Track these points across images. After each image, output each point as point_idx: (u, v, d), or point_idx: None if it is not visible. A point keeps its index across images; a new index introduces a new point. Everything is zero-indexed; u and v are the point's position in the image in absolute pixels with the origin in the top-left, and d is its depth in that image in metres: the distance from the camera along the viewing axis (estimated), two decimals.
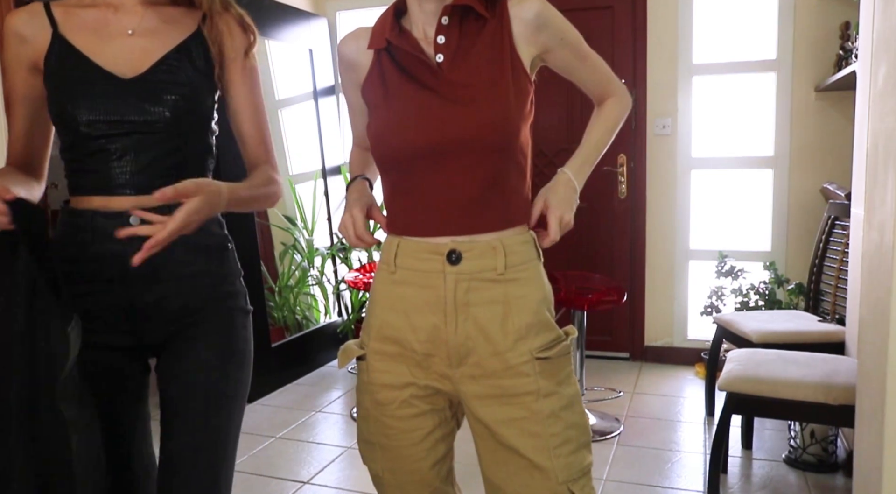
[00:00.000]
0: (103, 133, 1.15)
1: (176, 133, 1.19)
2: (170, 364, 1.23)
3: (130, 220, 1.15)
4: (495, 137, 1.13)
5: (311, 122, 4.16)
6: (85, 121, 1.14)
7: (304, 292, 4.04)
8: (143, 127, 1.16)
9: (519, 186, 1.19)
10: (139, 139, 1.16)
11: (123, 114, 1.15)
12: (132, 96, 1.16)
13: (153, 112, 1.16)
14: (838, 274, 2.90)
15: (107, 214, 1.15)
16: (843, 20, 3.36)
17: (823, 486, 2.45)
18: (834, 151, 3.53)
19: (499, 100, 1.13)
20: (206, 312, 1.23)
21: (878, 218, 1.59)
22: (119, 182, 1.16)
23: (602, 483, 2.50)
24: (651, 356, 3.95)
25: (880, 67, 1.65)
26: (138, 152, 1.17)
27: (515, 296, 1.16)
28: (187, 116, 1.19)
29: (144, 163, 1.17)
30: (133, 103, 1.15)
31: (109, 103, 1.15)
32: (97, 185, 1.17)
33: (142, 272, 1.15)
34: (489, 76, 1.14)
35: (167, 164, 1.19)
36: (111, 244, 1.13)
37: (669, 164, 3.82)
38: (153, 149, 1.17)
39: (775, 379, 2.15)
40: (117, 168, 1.16)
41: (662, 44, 3.76)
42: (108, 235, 1.13)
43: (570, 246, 4.01)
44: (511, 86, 1.14)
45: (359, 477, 2.60)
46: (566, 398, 1.17)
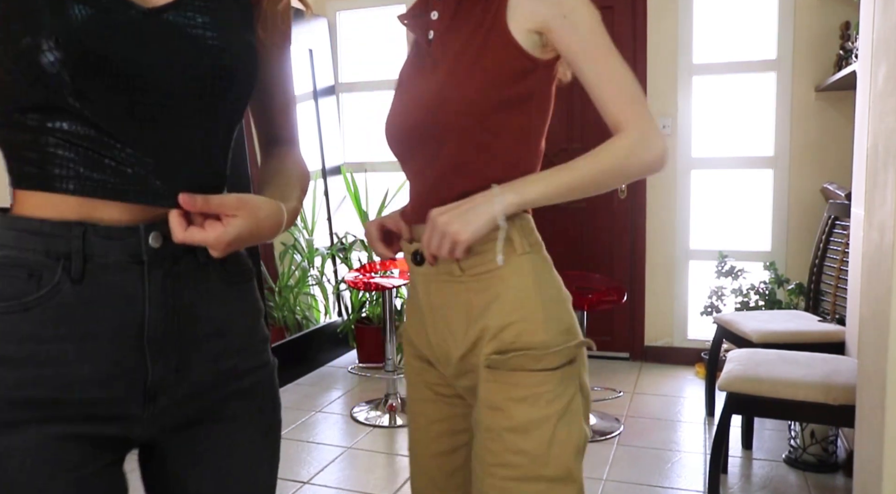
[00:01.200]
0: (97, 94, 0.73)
1: (211, 102, 0.80)
2: (188, 467, 0.86)
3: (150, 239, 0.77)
4: (448, 118, 1.01)
5: (311, 122, 4.16)
6: (54, 66, 0.69)
7: (304, 293, 4.04)
8: (165, 89, 0.76)
9: (487, 171, 1.03)
10: (156, 109, 0.76)
11: (135, 64, 0.73)
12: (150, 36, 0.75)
13: (180, 64, 0.76)
14: (838, 274, 2.90)
15: (102, 230, 0.75)
16: (843, 20, 3.36)
17: (823, 486, 2.45)
18: (834, 151, 3.53)
19: (455, 75, 1.01)
20: (247, 377, 0.88)
21: (878, 218, 1.59)
22: (118, 178, 0.76)
23: (602, 483, 2.50)
24: (651, 356, 3.95)
25: (880, 67, 1.65)
26: (155, 128, 0.76)
27: (479, 297, 1.04)
28: (229, 74, 0.80)
29: (163, 147, 0.77)
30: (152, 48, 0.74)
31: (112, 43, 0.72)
32: (83, 181, 0.75)
33: (170, 321, 0.79)
34: (457, 50, 1.03)
35: (195, 152, 0.81)
36: (112, 276, 0.76)
37: (669, 164, 3.82)
38: (177, 125, 0.78)
39: (775, 379, 2.15)
40: (119, 155, 0.75)
41: (662, 44, 3.76)
42: (109, 262, 0.76)
43: (570, 246, 4.02)
44: (478, 60, 1.00)
45: (359, 477, 2.60)
46: (516, 421, 0.99)
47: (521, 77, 1.01)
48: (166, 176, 0.77)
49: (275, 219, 0.81)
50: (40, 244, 0.74)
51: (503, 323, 1.02)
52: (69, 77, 0.70)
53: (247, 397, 0.88)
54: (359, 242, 4.19)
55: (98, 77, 0.71)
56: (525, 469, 0.99)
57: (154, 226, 0.77)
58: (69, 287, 0.74)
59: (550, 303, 1.04)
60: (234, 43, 0.80)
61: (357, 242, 4.20)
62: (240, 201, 0.77)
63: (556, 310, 1.04)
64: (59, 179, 0.74)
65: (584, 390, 1.06)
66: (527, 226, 1.05)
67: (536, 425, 0.99)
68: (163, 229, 0.77)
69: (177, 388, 0.81)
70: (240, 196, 0.78)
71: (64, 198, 0.75)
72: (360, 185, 4.24)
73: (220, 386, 0.85)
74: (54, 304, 0.74)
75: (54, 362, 0.74)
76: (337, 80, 4.39)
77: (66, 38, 0.69)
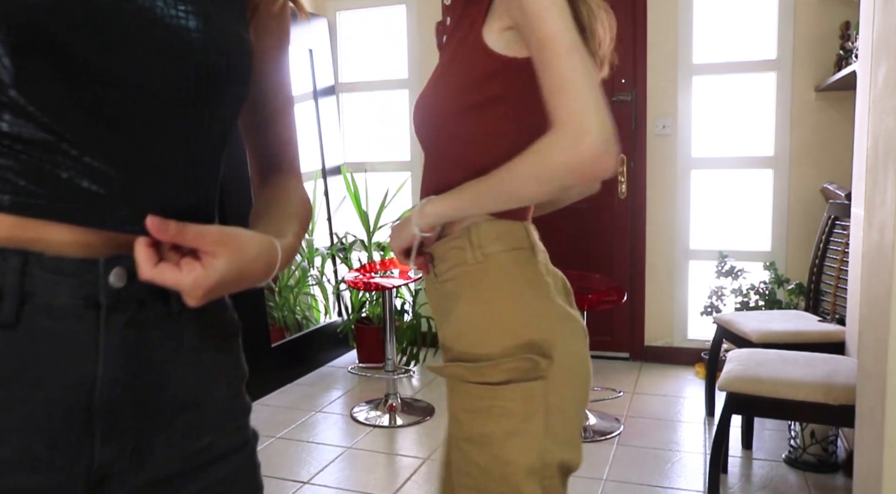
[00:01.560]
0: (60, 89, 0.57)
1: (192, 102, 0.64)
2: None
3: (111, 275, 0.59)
4: (422, 124, 1.04)
5: (311, 122, 4.16)
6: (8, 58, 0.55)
7: (304, 292, 4.04)
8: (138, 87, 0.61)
9: (453, 177, 1.00)
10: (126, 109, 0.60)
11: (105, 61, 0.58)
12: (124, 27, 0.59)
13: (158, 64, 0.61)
14: (838, 274, 2.90)
15: (49, 262, 0.58)
16: (843, 20, 3.36)
17: (823, 486, 2.45)
18: (834, 151, 3.53)
19: (433, 82, 1.01)
20: (224, 462, 0.70)
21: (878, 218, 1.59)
22: (70, 194, 0.58)
23: (602, 483, 2.50)
24: (651, 356, 3.95)
25: (880, 67, 1.65)
26: (122, 134, 0.60)
27: (446, 303, 1.03)
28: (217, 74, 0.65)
29: (132, 159, 0.61)
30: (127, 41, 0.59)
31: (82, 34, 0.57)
32: (24, 196, 0.57)
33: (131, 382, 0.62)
34: (444, 58, 1.03)
35: (174, 165, 0.65)
36: (56, 323, 0.58)
37: (669, 164, 3.82)
38: (151, 133, 0.62)
39: (775, 379, 2.15)
40: (78, 168, 0.58)
41: (662, 44, 3.76)
42: (55, 304, 0.58)
43: (570, 246, 4.02)
44: (449, 67, 1.00)
45: (359, 477, 2.60)
46: (468, 432, 0.97)
47: (489, 80, 0.97)
48: (133, 196, 0.60)
49: (266, 259, 0.65)
50: (58, 275, 0.57)
51: (456, 332, 1.00)
52: (10, 61, 0.54)
53: (230, 486, 0.70)
54: (359, 242, 4.19)
55: (50, 63, 0.55)
56: (477, 481, 0.98)
57: (117, 260, 0.59)
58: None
59: (510, 315, 0.98)
60: (224, 37, 0.65)
61: (357, 242, 4.20)
62: (223, 234, 0.60)
63: (516, 323, 0.97)
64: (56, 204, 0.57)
65: (555, 411, 0.98)
66: (487, 234, 0.99)
67: (486, 439, 0.97)
68: (128, 265, 0.59)
69: (132, 476, 0.62)
70: (223, 229, 0.61)
71: (1, 219, 0.56)
72: (360, 185, 4.24)
73: (189, 474, 0.66)
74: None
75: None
76: (337, 80, 4.39)
77: (9, 10, 0.53)
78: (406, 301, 4.04)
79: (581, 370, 1.02)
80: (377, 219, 4.07)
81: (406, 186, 4.29)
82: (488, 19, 0.97)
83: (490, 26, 0.97)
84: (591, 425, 2.99)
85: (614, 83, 3.81)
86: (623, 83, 3.81)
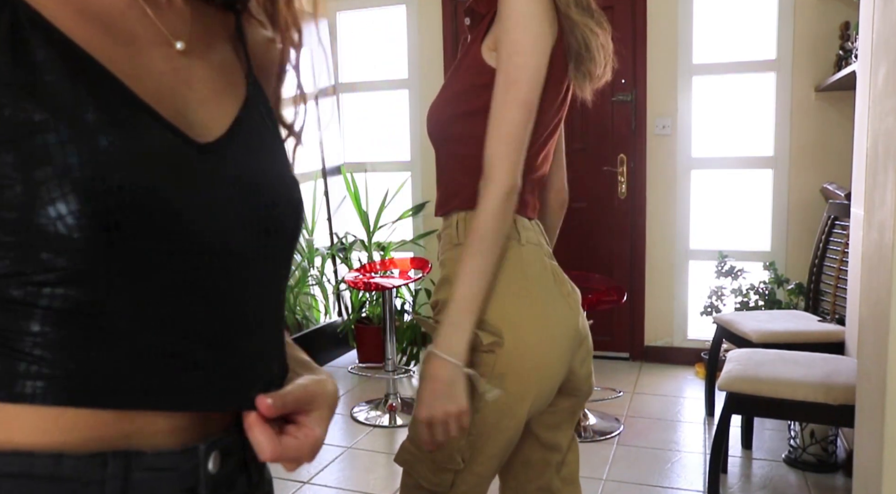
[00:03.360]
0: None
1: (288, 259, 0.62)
2: None
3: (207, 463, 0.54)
4: (430, 129, 1.16)
5: (311, 122, 4.16)
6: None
7: (304, 293, 4.04)
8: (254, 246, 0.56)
9: (456, 175, 1.14)
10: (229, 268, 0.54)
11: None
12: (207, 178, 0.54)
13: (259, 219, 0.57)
14: (838, 274, 2.90)
15: (149, 460, 0.51)
16: (843, 20, 3.36)
17: (823, 486, 2.45)
18: (834, 151, 3.53)
19: (440, 90, 1.15)
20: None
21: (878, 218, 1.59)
22: (167, 376, 0.51)
23: (602, 483, 2.50)
24: (651, 356, 3.95)
25: (880, 67, 1.66)
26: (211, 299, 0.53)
27: (441, 274, 1.17)
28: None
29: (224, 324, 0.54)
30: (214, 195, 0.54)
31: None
32: (122, 386, 0.49)
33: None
34: (453, 68, 1.16)
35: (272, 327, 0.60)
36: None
37: (669, 164, 3.82)
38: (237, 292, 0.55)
39: (775, 379, 2.15)
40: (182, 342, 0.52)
41: (662, 44, 3.76)
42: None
43: (570, 246, 4.02)
44: (455, 75, 1.13)
45: (359, 477, 2.60)
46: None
47: (484, 89, 1.07)
48: (229, 366, 0.54)
49: (335, 386, 0.61)
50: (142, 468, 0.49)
51: (436, 300, 1.13)
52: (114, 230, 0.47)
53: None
54: (359, 242, 4.19)
55: (146, 229, 0.48)
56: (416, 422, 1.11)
57: (213, 445, 0.54)
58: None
59: None
60: (286, 177, 0.61)
61: (357, 242, 4.21)
62: (310, 390, 0.57)
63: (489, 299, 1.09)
64: (85, 389, 0.47)
65: (498, 383, 1.08)
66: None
67: (414, 426, 1.10)
68: (221, 446, 0.54)
69: None
70: (307, 385, 0.57)
71: (93, 414, 0.48)
72: (360, 185, 4.24)
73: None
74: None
75: None
76: (337, 80, 4.39)
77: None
78: (406, 301, 4.04)
79: (535, 356, 1.09)
80: (377, 219, 4.07)
81: (406, 186, 4.29)
82: (486, 37, 1.09)
83: (487, 43, 1.09)
84: (591, 425, 2.99)
85: (614, 83, 3.81)
86: (623, 83, 3.81)
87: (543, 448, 1.24)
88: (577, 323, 1.15)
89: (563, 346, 1.12)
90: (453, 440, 1.07)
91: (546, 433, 1.23)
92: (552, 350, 1.11)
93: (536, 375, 1.10)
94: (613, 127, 3.88)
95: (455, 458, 1.11)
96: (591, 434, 2.92)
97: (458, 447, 1.10)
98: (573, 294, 1.17)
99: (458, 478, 1.12)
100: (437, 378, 1.01)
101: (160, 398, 0.50)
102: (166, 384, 0.50)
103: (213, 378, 0.53)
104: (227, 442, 0.55)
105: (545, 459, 1.24)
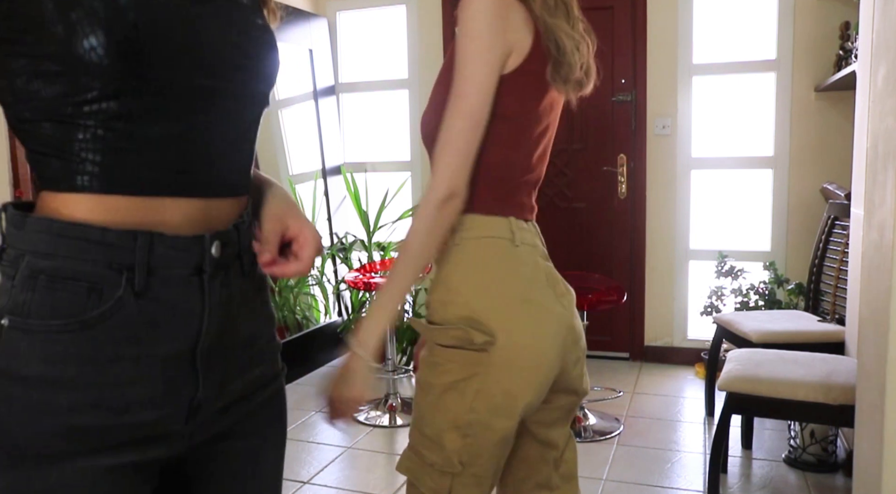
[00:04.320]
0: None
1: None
2: (211, 483, 0.83)
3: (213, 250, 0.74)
4: (422, 135, 1.20)
5: (311, 122, 4.16)
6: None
7: (304, 292, 4.04)
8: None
9: None
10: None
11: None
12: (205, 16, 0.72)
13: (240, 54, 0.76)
14: (838, 274, 2.90)
15: (168, 240, 0.71)
16: (843, 20, 3.36)
17: (823, 486, 2.45)
18: (834, 151, 3.53)
19: (429, 99, 1.19)
20: (270, 385, 0.87)
21: (877, 218, 1.59)
22: (182, 172, 0.73)
23: (602, 483, 2.50)
24: (651, 356, 3.95)
25: (880, 67, 1.66)
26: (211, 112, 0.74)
27: (434, 273, 1.21)
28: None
29: (219, 133, 0.76)
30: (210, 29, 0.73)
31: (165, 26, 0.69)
32: (147, 181, 0.71)
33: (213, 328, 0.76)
34: (438, 77, 1.19)
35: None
36: (173, 290, 0.72)
37: (669, 164, 3.82)
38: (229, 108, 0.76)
39: (775, 379, 2.15)
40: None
41: (662, 44, 3.76)
42: (172, 275, 0.72)
43: (570, 246, 4.02)
44: (438, 83, 1.16)
45: (359, 477, 2.60)
46: (422, 379, 1.19)
47: None
48: (222, 164, 0.76)
49: (280, 190, 0.87)
50: (102, 255, 0.67)
51: (429, 298, 1.17)
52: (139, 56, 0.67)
53: (269, 406, 0.86)
54: (359, 242, 4.19)
55: (161, 56, 0.68)
56: (417, 419, 1.17)
57: (216, 235, 0.74)
58: (133, 302, 0.68)
59: (464, 291, 1.12)
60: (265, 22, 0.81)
61: (357, 242, 4.20)
62: (282, 219, 0.82)
63: (467, 299, 1.11)
64: (121, 181, 0.68)
65: (493, 382, 1.10)
66: (468, 223, 1.13)
67: (430, 387, 1.14)
68: (222, 237, 0.74)
69: (214, 403, 0.77)
70: (278, 214, 0.83)
71: (125, 201, 0.69)
72: (360, 185, 4.24)
73: (247, 398, 0.82)
74: (115, 322, 0.67)
75: (111, 385, 0.67)
76: (337, 80, 4.39)
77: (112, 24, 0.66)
78: (406, 301, 4.04)
79: (527, 355, 1.11)
80: (377, 219, 4.07)
81: (406, 186, 4.29)
82: None
83: None
84: (591, 425, 2.99)
85: (614, 83, 3.81)
86: (623, 83, 3.81)
87: (540, 445, 1.24)
88: (570, 323, 1.16)
89: (555, 345, 1.13)
90: (441, 440, 1.12)
91: (542, 430, 1.24)
92: (545, 350, 1.12)
93: (529, 374, 1.11)
94: (613, 127, 3.88)
95: (452, 461, 1.11)
96: (591, 433, 2.92)
97: (455, 449, 1.11)
98: (567, 295, 1.18)
99: (457, 482, 1.13)
100: (346, 367, 1.10)
101: (174, 188, 0.71)
102: (179, 179, 0.71)
103: (211, 177, 0.74)
104: (226, 235, 0.75)
105: (542, 456, 1.25)
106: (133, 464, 0.70)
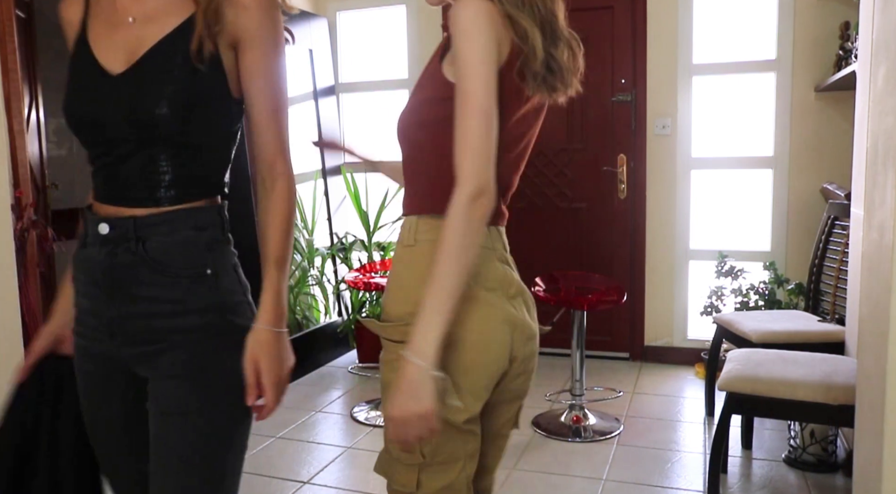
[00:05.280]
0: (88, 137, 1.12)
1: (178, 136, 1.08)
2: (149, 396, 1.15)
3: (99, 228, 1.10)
4: (397, 134, 1.22)
5: (311, 122, 4.16)
6: (72, 122, 1.11)
7: (304, 293, 4.04)
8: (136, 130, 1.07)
9: (413, 179, 1.22)
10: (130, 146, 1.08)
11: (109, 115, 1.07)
12: (122, 94, 1.06)
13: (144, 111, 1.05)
14: (838, 274, 2.90)
15: (95, 219, 1.12)
16: (843, 20, 3.36)
17: (823, 486, 2.45)
18: (834, 151, 3.53)
19: (407, 101, 1.21)
20: (170, 342, 1.12)
21: (877, 218, 1.59)
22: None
23: (602, 483, 2.50)
24: (651, 356, 3.96)
25: (880, 67, 1.66)
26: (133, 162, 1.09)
27: (391, 271, 1.24)
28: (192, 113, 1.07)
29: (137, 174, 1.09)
30: (124, 102, 1.06)
31: (93, 103, 1.08)
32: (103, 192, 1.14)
33: (111, 284, 1.11)
34: (418, 79, 1.22)
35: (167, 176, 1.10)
36: (95, 249, 1.11)
37: (669, 164, 3.83)
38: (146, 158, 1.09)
39: (775, 379, 2.15)
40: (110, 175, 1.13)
41: (662, 44, 3.76)
42: (96, 238, 1.11)
43: (570, 246, 4.02)
44: (419, 86, 1.19)
45: (359, 477, 2.60)
46: (382, 379, 1.23)
47: (441, 103, 1.12)
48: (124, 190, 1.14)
49: (273, 327, 1.14)
50: (91, 224, 1.12)
51: (384, 296, 1.22)
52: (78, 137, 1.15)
53: (172, 351, 1.10)
54: (359, 242, 4.19)
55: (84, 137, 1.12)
56: (384, 418, 1.13)
57: (105, 220, 1.10)
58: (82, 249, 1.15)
59: (414, 288, 1.11)
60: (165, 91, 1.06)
61: (357, 242, 4.20)
62: (253, 362, 1.11)
63: (416, 296, 1.08)
64: (97, 191, 1.14)
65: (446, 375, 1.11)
66: (422, 225, 1.16)
67: (388, 385, 1.17)
68: (110, 222, 1.09)
69: (122, 334, 1.11)
70: (250, 357, 1.11)
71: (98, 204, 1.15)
72: (360, 185, 4.24)
73: (153, 341, 1.11)
74: (80, 256, 1.14)
75: (78, 293, 1.16)
76: (337, 80, 4.39)
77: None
78: None
79: (472, 349, 1.13)
80: (377, 219, 4.07)
81: None
82: (447, 53, 1.13)
83: (447, 58, 1.13)
84: (591, 425, 2.99)
85: (614, 83, 3.81)
86: (623, 83, 3.81)
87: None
88: (520, 321, 1.18)
89: (501, 340, 1.15)
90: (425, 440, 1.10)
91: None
92: (488, 343, 1.14)
93: (476, 369, 1.13)
94: (613, 127, 3.88)
95: (415, 453, 1.14)
96: (591, 433, 2.92)
97: None
98: (520, 297, 1.20)
99: (424, 474, 1.15)
100: (404, 378, 1.04)
101: (109, 198, 1.13)
102: (110, 193, 1.12)
103: (124, 194, 1.11)
104: (112, 221, 1.11)
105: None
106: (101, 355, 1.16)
